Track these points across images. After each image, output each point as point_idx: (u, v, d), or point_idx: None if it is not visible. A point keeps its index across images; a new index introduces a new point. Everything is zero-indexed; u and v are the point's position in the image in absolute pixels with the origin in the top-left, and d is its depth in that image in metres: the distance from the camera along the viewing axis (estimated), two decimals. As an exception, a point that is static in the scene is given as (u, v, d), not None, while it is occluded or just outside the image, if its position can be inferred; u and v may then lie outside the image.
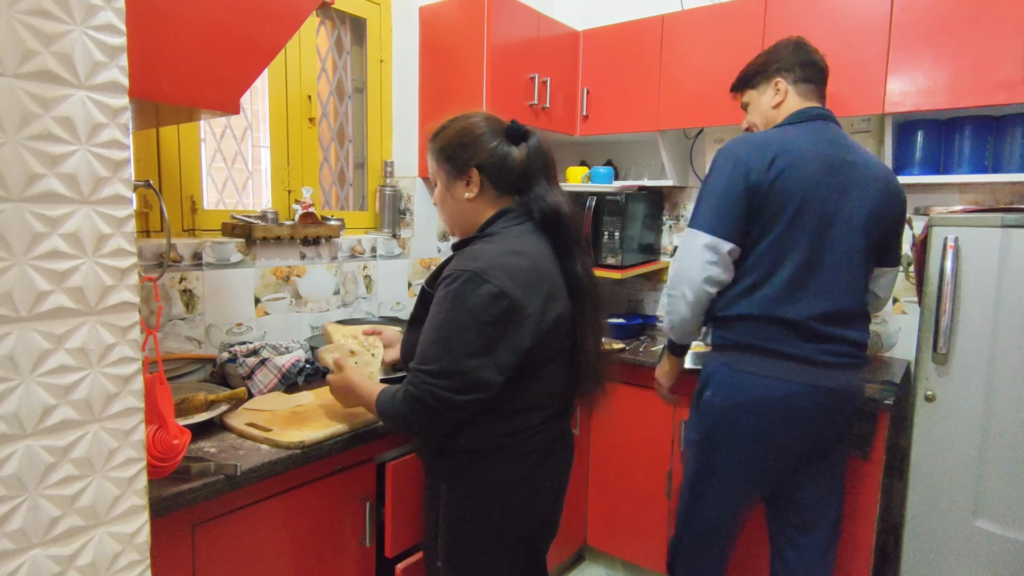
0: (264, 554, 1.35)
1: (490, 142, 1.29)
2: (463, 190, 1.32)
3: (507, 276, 1.18)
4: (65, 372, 0.79)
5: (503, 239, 1.26)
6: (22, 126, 0.73)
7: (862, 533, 1.89)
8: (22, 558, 0.77)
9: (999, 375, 1.65)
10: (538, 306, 1.21)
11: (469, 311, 1.16)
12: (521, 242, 1.25)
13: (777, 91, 1.70)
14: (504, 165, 1.29)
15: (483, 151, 1.29)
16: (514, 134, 1.31)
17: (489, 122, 1.32)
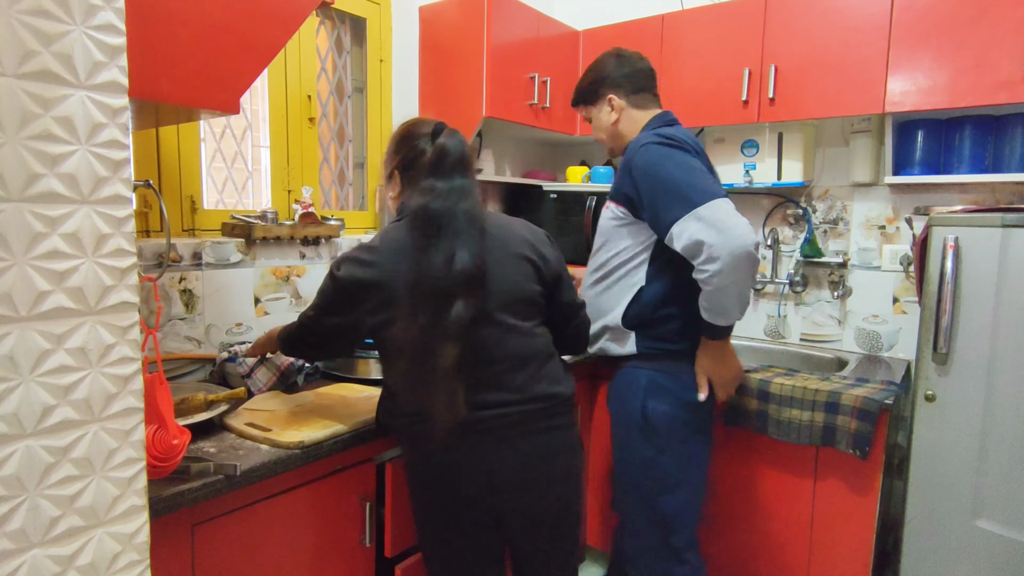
0: (264, 554, 1.34)
1: (412, 142, 1.38)
2: (389, 189, 1.45)
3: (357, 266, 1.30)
4: (65, 372, 0.79)
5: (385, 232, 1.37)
6: (22, 126, 0.73)
7: (862, 533, 1.89)
8: (22, 558, 0.77)
9: (999, 375, 1.65)
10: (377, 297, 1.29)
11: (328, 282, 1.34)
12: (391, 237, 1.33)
13: (612, 108, 1.75)
14: (416, 163, 1.37)
15: (403, 150, 1.40)
16: (434, 133, 1.37)
17: (422, 123, 1.40)
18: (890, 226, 2.37)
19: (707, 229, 1.42)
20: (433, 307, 1.24)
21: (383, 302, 1.28)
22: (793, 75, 2.21)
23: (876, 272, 2.41)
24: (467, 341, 1.25)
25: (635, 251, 1.66)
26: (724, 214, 1.42)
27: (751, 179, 2.45)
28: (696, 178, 1.49)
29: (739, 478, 2.09)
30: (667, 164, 1.52)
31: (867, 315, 2.43)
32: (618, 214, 1.67)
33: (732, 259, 1.40)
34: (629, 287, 1.67)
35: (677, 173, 1.50)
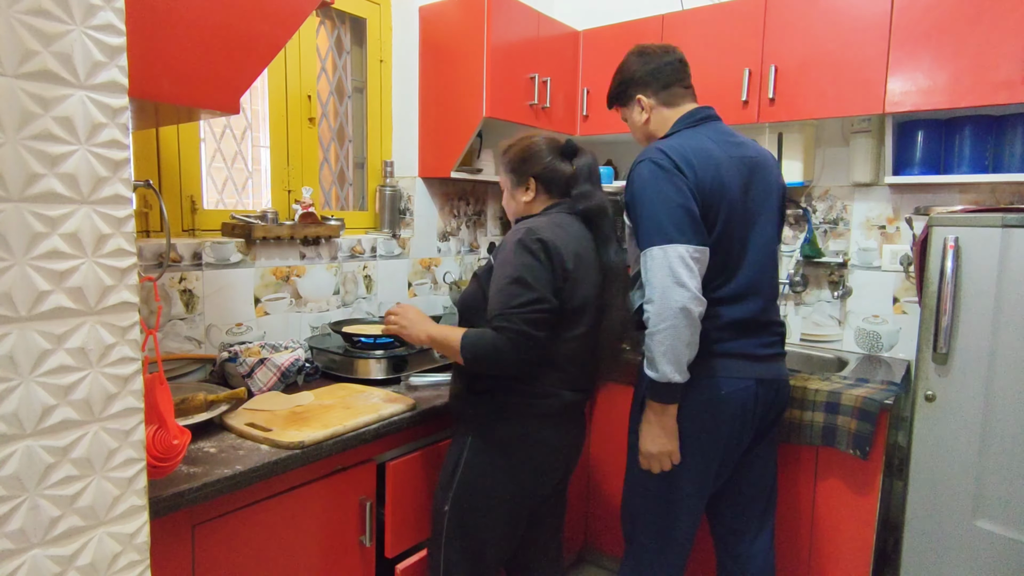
0: (264, 554, 1.35)
1: (545, 157, 1.55)
2: (523, 194, 1.59)
3: (551, 234, 1.43)
4: (65, 372, 0.79)
5: (548, 217, 1.51)
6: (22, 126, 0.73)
7: (862, 533, 1.89)
8: (22, 558, 0.77)
9: (999, 375, 1.65)
10: (572, 266, 1.43)
11: (532, 253, 1.40)
12: (561, 220, 1.50)
13: (643, 108, 1.70)
14: (555, 176, 1.56)
15: (538, 164, 1.55)
16: (566, 151, 1.57)
17: (547, 141, 1.58)
18: (890, 226, 2.37)
19: (649, 273, 1.46)
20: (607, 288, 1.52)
21: (573, 270, 1.43)
22: (793, 75, 2.21)
23: (876, 272, 2.41)
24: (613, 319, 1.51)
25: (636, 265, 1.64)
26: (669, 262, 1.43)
27: (751, 179, 2.45)
28: (662, 216, 1.46)
29: (739, 478, 2.09)
30: (647, 192, 1.50)
31: (867, 315, 2.43)
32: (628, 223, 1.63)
33: (661, 310, 1.42)
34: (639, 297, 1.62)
35: (650, 206, 1.49)
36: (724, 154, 1.56)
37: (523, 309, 1.37)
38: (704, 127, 1.62)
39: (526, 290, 1.38)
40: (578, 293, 1.45)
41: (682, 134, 1.61)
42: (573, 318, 1.46)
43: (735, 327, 1.56)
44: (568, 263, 1.42)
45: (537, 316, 1.37)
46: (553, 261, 1.40)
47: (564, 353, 1.46)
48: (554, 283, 1.41)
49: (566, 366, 1.47)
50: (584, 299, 1.46)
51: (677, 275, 1.42)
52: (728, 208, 1.53)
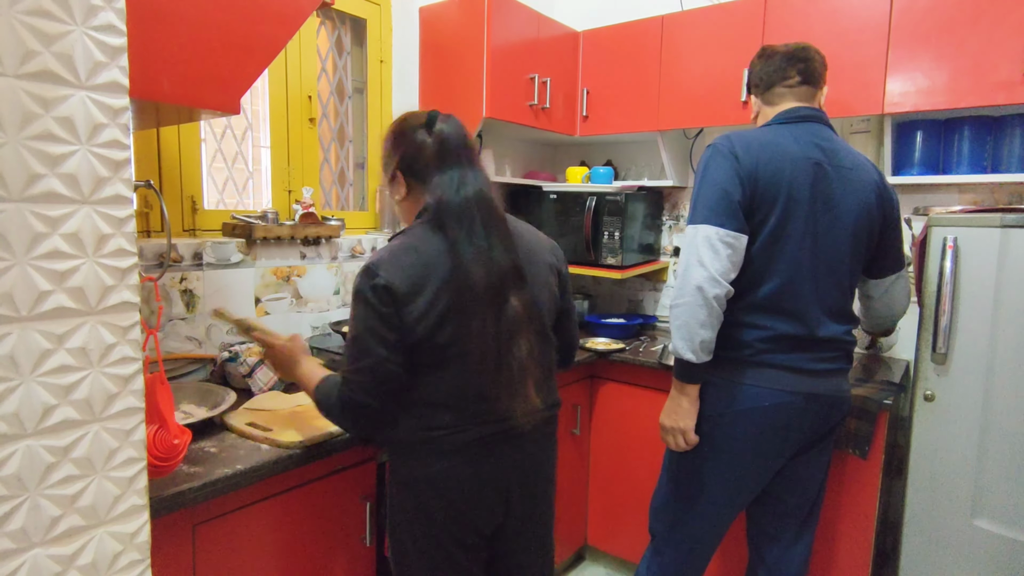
0: (264, 554, 1.35)
1: (410, 135, 1.29)
2: (395, 193, 1.35)
3: (394, 269, 1.19)
4: (66, 372, 0.79)
5: (407, 236, 1.26)
6: (23, 126, 0.74)
7: (861, 533, 1.89)
8: (23, 558, 0.77)
9: (998, 375, 1.65)
10: (423, 302, 1.19)
11: (367, 303, 1.19)
12: (419, 239, 1.23)
13: (753, 106, 1.72)
14: (417, 158, 1.28)
15: (398, 150, 1.30)
16: (428, 122, 1.29)
17: (415, 115, 1.32)
18: (890, 226, 2.37)
19: (682, 250, 1.51)
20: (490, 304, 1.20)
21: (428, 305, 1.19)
22: (793, 75, 2.21)
23: (876, 272, 2.41)
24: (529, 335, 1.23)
25: None
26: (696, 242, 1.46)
27: (751, 179, 2.45)
28: (709, 198, 1.47)
29: (739, 478, 2.09)
30: (701, 173, 1.53)
31: (867, 315, 2.43)
32: None
33: (681, 285, 1.47)
34: None
35: (701, 185, 1.51)
36: (801, 153, 1.50)
37: (359, 376, 1.20)
38: (795, 126, 1.57)
39: (361, 354, 1.19)
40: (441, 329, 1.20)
41: (761, 128, 1.60)
42: (451, 354, 1.22)
43: (787, 340, 1.51)
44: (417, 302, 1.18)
45: (373, 385, 1.20)
46: (399, 308, 1.18)
47: (450, 391, 1.23)
48: (399, 332, 1.19)
49: (460, 403, 1.24)
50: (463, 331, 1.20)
51: (700, 254, 1.45)
52: (788, 205, 1.48)
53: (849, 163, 1.56)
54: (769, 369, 1.52)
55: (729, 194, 1.46)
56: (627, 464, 2.36)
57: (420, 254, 1.21)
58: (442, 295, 1.19)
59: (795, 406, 1.52)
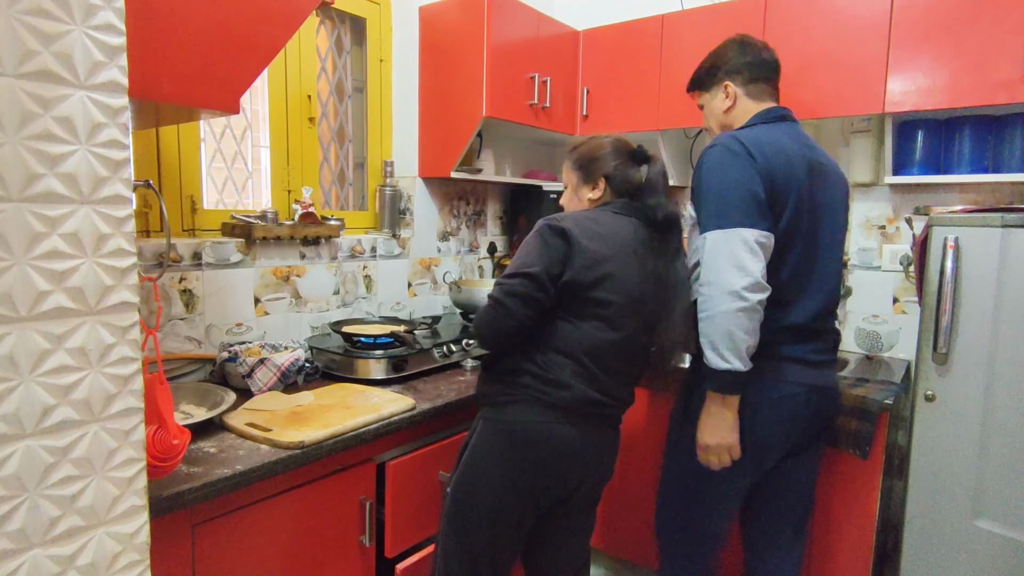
0: (264, 554, 1.35)
1: (613, 160, 1.55)
2: (589, 191, 1.58)
3: (573, 224, 1.42)
4: (65, 372, 0.79)
5: (585, 212, 1.51)
6: (22, 126, 0.73)
7: (862, 533, 1.89)
8: (22, 558, 0.77)
9: (999, 375, 1.65)
10: (592, 253, 1.40)
11: (538, 236, 1.42)
12: (599, 216, 1.48)
13: (727, 95, 1.69)
14: (625, 180, 1.55)
15: (608, 166, 1.55)
16: (637, 157, 1.56)
17: (614, 144, 1.58)
18: (890, 226, 2.37)
19: (707, 256, 1.44)
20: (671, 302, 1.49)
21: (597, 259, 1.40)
22: (793, 75, 2.21)
23: (876, 272, 2.41)
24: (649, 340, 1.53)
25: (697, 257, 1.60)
26: (731, 246, 1.41)
27: (751, 179, 2.44)
28: (730, 200, 1.45)
29: (739, 478, 2.09)
30: (717, 174, 1.49)
31: (867, 315, 2.43)
32: (692, 212, 1.61)
33: (717, 294, 1.41)
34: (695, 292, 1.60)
35: (720, 187, 1.47)
36: (799, 153, 1.54)
37: (508, 280, 1.41)
38: (781, 124, 1.61)
39: (519, 266, 1.41)
40: (605, 284, 1.41)
41: (758, 127, 1.60)
42: (595, 309, 1.41)
43: (792, 332, 1.53)
44: (586, 251, 1.39)
45: (518, 288, 1.39)
46: (565, 243, 1.39)
47: (582, 344, 1.42)
48: (555, 264, 1.39)
49: (584, 359, 1.42)
50: (614, 292, 1.42)
51: (738, 259, 1.40)
52: (797, 203, 1.50)
53: (827, 160, 1.64)
54: (776, 361, 1.52)
55: (756, 194, 1.44)
56: (627, 465, 2.35)
57: (600, 223, 1.46)
58: (614, 260, 1.42)
59: (800, 398, 1.54)
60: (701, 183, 1.52)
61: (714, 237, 1.44)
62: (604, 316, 1.42)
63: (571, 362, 1.42)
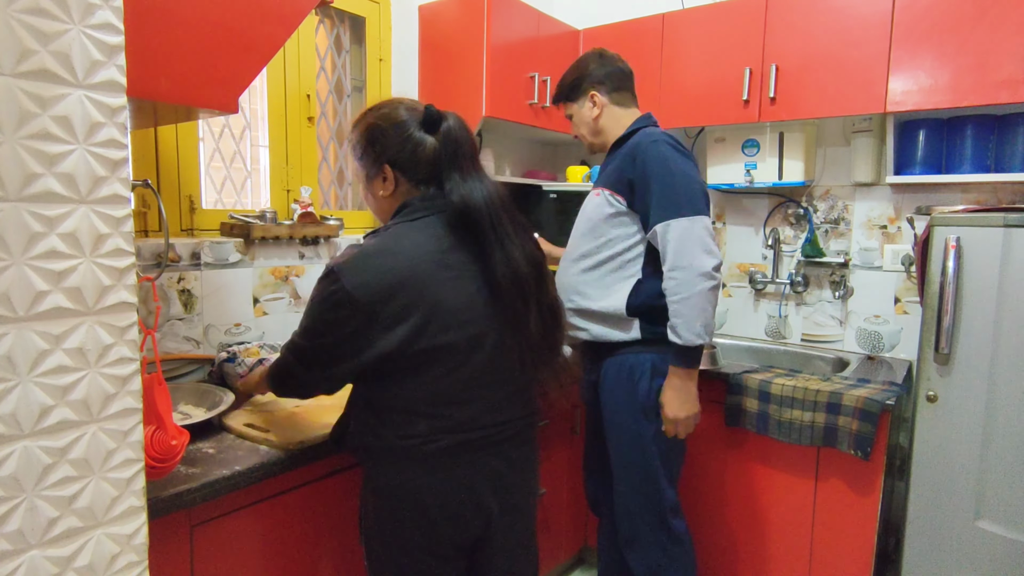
0: (263, 556, 1.34)
1: (401, 133, 1.21)
2: (380, 188, 1.25)
3: (361, 275, 1.11)
4: (63, 372, 0.78)
5: (387, 236, 1.18)
6: (19, 125, 0.73)
7: (863, 534, 1.89)
8: (19, 559, 0.76)
9: (1001, 375, 1.65)
10: (395, 309, 1.11)
11: (319, 307, 1.14)
12: (403, 240, 1.16)
13: (594, 104, 1.83)
14: (415, 157, 1.21)
15: (393, 144, 1.21)
16: (428, 121, 1.21)
17: (405, 109, 1.23)
18: (892, 226, 2.37)
19: (676, 242, 1.57)
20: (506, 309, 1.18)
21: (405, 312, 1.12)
22: (794, 74, 2.21)
23: (877, 272, 2.41)
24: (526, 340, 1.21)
25: (627, 244, 1.72)
26: (698, 233, 1.57)
27: (752, 179, 2.45)
28: (691, 191, 1.60)
29: (740, 479, 2.09)
30: (674, 167, 1.62)
31: (868, 315, 2.43)
32: (613, 203, 1.72)
33: (691, 276, 1.55)
34: (624, 279, 1.72)
35: (679, 179, 1.61)
36: None
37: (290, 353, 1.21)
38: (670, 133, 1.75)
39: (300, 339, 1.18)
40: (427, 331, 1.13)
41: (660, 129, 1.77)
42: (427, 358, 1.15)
43: None
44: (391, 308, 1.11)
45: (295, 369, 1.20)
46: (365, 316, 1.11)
47: (428, 398, 1.17)
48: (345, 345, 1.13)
49: (438, 410, 1.17)
50: (451, 336, 1.14)
51: (705, 243, 1.56)
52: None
53: None
54: None
55: (703, 186, 1.64)
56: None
57: (402, 257, 1.14)
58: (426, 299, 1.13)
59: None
60: (655, 173, 1.63)
61: (682, 225, 1.57)
62: (443, 359, 1.15)
63: (421, 419, 1.17)
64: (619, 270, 1.73)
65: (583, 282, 1.78)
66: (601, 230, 1.74)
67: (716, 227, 2.77)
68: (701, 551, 2.15)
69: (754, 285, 2.65)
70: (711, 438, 2.13)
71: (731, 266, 2.75)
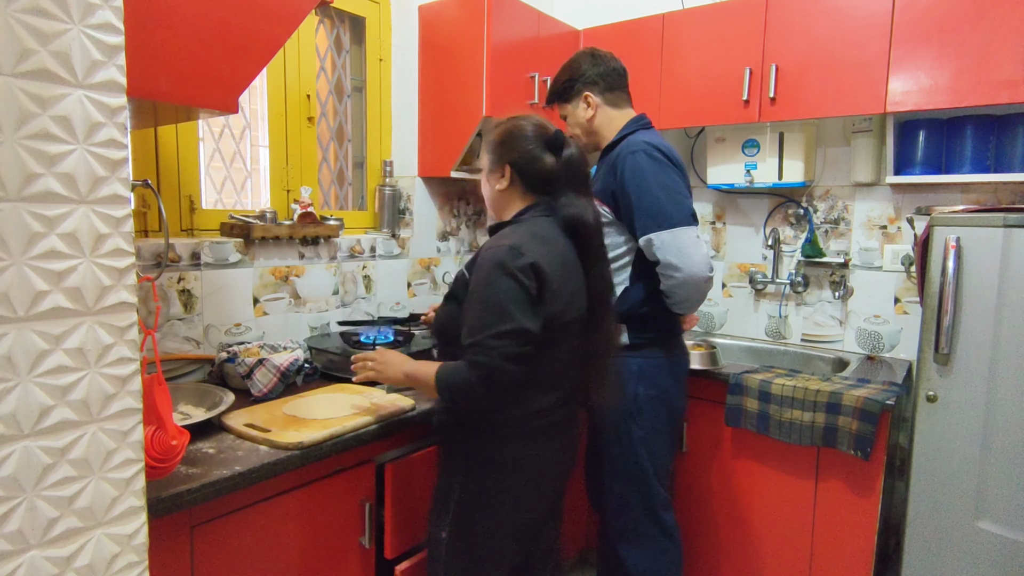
0: (263, 556, 1.34)
1: (527, 144, 1.42)
2: (496, 181, 1.47)
3: (538, 254, 1.31)
4: (63, 372, 0.78)
5: (530, 225, 1.39)
6: (20, 125, 0.73)
7: (863, 534, 1.89)
8: (19, 559, 0.76)
9: (1001, 375, 1.65)
10: (559, 287, 1.33)
11: (514, 278, 1.27)
12: (545, 232, 1.38)
13: (588, 105, 1.83)
14: (534, 167, 1.42)
15: (517, 151, 1.42)
16: (552, 143, 1.42)
17: (533, 127, 1.44)
18: (892, 226, 2.37)
19: (671, 252, 1.62)
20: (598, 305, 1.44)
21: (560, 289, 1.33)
22: (794, 74, 2.20)
23: (877, 272, 2.41)
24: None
25: (617, 252, 1.74)
26: (687, 242, 1.62)
27: (752, 179, 2.44)
28: (673, 200, 1.64)
29: (741, 479, 2.09)
30: (652, 179, 1.65)
31: (868, 315, 2.43)
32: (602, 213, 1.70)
33: (690, 281, 1.63)
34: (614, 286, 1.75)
35: (658, 191, 1.64)
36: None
37: (500, 341, 1.25)
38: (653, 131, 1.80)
39: (505, 320, 1.25)
40: (566, 313, 1.36)
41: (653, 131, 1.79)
42: (561, 336, 1.36)
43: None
44: (555, 284, 1.31)
45: (516, 350, 1.25)
46: (541, 286, 1.29)
47: (553, 371, 1.38)
48: (538, 310, 1.29)
49: (556, 383, 1.40)
50: (572, 317, 1.37)
51: (703, 249, 1.63)
52: None
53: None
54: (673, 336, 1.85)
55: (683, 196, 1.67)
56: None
57: (551, 243, 1.36)
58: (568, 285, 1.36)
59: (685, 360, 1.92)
60: (630, 189, 1.66)
61: (685, 232, 1.62)
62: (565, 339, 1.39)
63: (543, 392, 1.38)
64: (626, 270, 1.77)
65: None
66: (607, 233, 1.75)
67: (716, 227, 2.78)
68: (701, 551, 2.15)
69: (754, 285, 2.65)
70: (711, 438, 2.13)
71: (731, 266, 2.75)
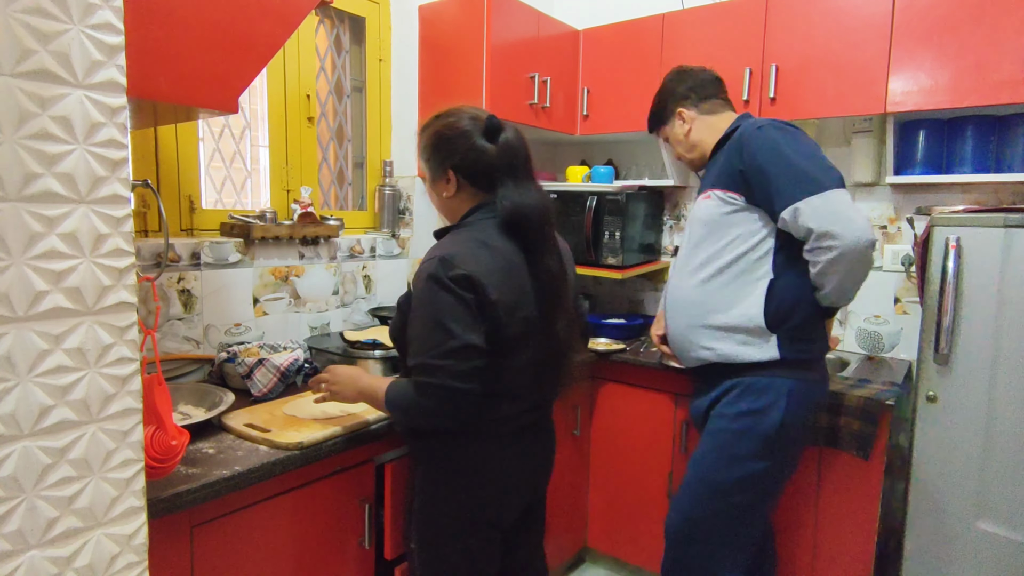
0: (263, 556, 1.34)
1: (465, 142, 1.32)
2: (443, 189, 1.37)
3: (473, 263, 1.22)
4: (63, 372, 0.78)
5: (472, 229, 1.31)
6: (19, 125, 0.73)
7: (863, 535, 1.89)
8: (19, 560, 0.76)
9: (1001, 375, 1.65)
10: (505, 296, 1.24)
11: (448, 291, 1.20)
12: (487, 236, 1.28)
13: (684, 121, 1.77)
14: (478, 164, 1.32)
15: (458, 151, 1.32)
16: (489, 129, 1.32)
17: (468, 120, 1.33)
18: (892, 226, 2.37)
19: (825, 218, 1.42)
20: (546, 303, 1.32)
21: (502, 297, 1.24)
22: (794, 75, 2.21)
23: (877, 272, 2.40)
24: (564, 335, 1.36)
25: (754, 241, 1.55)
26: (845, 205, 1.44)
27: (752, 179, 2.44)
28: (818, 164, 1.48)
29: (740, 479, 2.09)
30: (788, 147, 1.50)
31: (868, 315, 2.43)
32: (728, 200, 1.58)
33: (852, 251, 1.42)
34: (755, 280, 1.55)
35: (797, 158, 1.48)
36: None
37: (446, 360, 1.18)
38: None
39: (447, 337, 1.18)
40: (511, 326, 1.25)
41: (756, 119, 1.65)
42: (516, 345, 1.27)
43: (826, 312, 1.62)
44: (493, 295, 1.22)
45: (464, 367, 1.19)
46: (479, 297, 1.20)
47: (513, 379, 1.30)
48: (481, 323, 1.21)
49: (518, 391, 1.32)
50: (524, 324, 1.28)
51: (860, 211, 1.46)
52: None
53: None
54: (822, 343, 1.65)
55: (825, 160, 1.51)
56: (628, 465, 2.35)
57: (493, 247, 1.26)
58: (515, 291, 1.26)
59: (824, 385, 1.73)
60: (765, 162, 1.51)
61: (837, 194, 1.44)
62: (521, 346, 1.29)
63: (505, 401, 1.31)
64: (747, 272, 1.56)
65: (706, 293, 1.60)
66: (721, 232, 1.59)
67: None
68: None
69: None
70: (711, 438, 2.13)
71: (731, 266, 2.74)
